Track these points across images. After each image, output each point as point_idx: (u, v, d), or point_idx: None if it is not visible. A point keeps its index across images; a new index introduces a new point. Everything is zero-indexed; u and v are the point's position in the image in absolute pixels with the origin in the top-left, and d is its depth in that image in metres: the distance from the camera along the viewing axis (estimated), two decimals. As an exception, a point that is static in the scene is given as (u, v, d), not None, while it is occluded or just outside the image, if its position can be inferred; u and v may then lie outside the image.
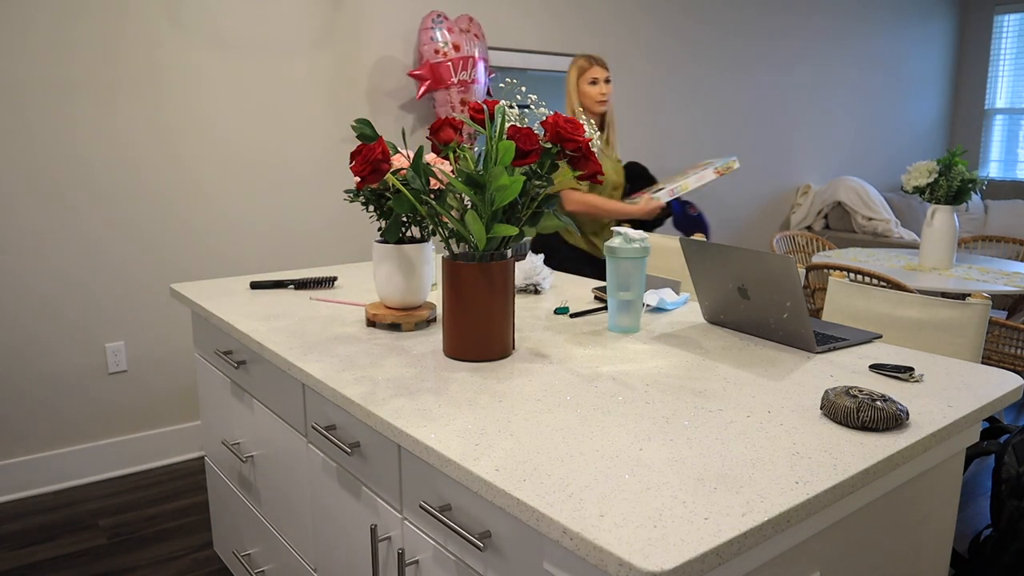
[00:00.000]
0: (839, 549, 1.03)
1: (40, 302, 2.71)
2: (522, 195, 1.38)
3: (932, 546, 1.26)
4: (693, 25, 4.52)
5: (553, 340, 1.55)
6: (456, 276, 1.35)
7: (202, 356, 2.04)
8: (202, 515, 2.60)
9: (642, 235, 1.57)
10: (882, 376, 1.33)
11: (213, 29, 2.92)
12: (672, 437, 1.06)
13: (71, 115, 2.69)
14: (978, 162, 6.40)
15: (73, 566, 2.30)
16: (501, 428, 1.09)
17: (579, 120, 1.37)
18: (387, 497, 1.24)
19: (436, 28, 3.27)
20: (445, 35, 3.27)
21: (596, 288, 1.97)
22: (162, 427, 3.01)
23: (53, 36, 2.62)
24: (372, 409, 1.17)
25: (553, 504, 0.87)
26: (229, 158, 3.03)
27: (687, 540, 0.80)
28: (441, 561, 1.12)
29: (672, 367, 1.37)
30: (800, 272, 2.10)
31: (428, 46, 3.25)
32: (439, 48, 3.24)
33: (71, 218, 2.73)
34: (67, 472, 2.82)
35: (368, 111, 3.36)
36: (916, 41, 6.00)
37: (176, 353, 3.01)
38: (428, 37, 3.26)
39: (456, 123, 1.46)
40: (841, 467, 0.97)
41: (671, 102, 4.50)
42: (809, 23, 5.15)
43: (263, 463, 1.74)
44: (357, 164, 1.36)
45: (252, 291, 2.00)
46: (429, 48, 3.26)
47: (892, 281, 2.71)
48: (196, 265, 3.01)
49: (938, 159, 3.22)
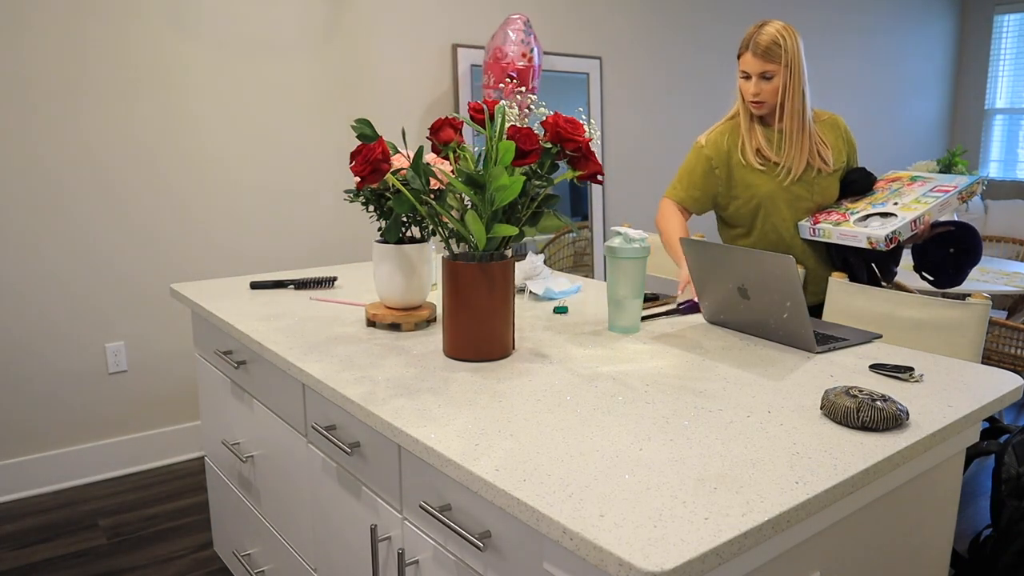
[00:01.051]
0: (839, 549, 1.03)
1: (40, 302, 2.71)
2: (522, 195, 1.38)
3: (932, 546, 1.26)
4: (694, 23, 4.52)
5: (553, 340, 1.55)
6: (456, 276, 1.35)
7: (202, 356, 2.04)
8: (202, 515, 2.60)
9: (642, 235, 1.57)
10: (882, 376, 1.33)
11: (215, 29, 2.92)
12: (672, 437, 1.06)
13: (72, 116, 2.69)
14: (978, 162, 6.40)
15: (73, 566, 2.30)
16: (501, 428, 1.09)
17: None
18: (387, 497, 1.24)
19: (526, 31, 3.30)
20: (532, 40, 3.30)
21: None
22: (162, 427, 3.01)
23: (57, 37, 2.62)
24: (372, 409, 1.17)
25: (553, 504, 0.87)
26: (230, 158, 3.03)
27: (687, 540, 0.80)
28: (441, 561, 1.12)
29: (672, 367, 1.37)
30: (800, 272, 2.09)
31: (515, 47, 3.27)
32: (526, 52, 3.27)
33: (71, 218, 2.73)
34: (67, 472, 2.82)
35: (369, 111, 3.36)
36: (916, 41, 6.00)
37: (176, 353, 3.01)
38: (518, 39, 3.28)
39: (456, 123, 1.46)
40: (841, 467, 0.97)
41: (672, 98, 4.50)
42: (809, 24, 5.15)
43: (263, 463, 1.74)
44: (357, 164, 1.36)
45: (252, 291, 2.00)
46: (515, 50, 3.27)
47: (892, 281, 2.71)
48: (196, 265, 3.01)
49: (938, 159, 3.22)
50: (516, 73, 3.23)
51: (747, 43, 2.03)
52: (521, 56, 3.25)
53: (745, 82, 2.06)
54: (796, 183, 2.08)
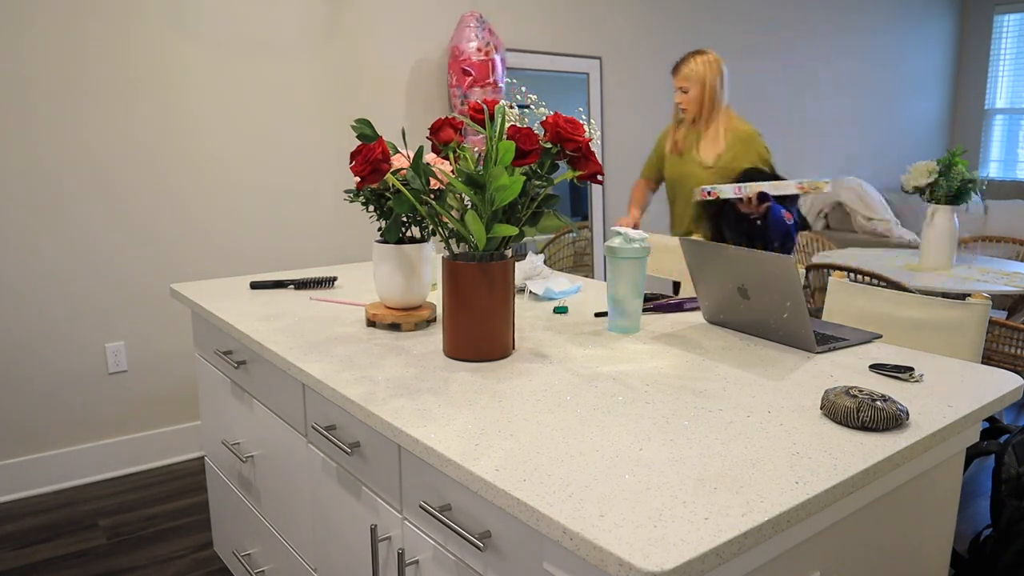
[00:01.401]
0: (839, 549, 1.03)
1: (40, 302, 2.71)
2: (522, 195, 1.38)
3: (932, 546, 1.26)
4: (694, 23, 4.52)
5: (553, 340, 1.55)
6: (456, 276, 1.35)
7: (202, 356, 2.04)
8: (202, 515, 2.60)
9: (642, 235, 1.57)
10: (882, 376, 1.33)
11: (215, 29, 2.92)
12: (672, 437, 1.06)
13: (72, 116, 2.69)
14: (978, 162, 6.40)
15: (73, 566, 2.30)
16: (501, 428, 1.09)
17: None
18: (387, 497, 1.24)
19: (479, 27, 3.34)
20: (486, 35, 3.32)
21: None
22: (162, 427, 3.01)
23: (57, 37, 2.62)
24: (372, 409, 1.17)
25: (553, 504, 0.87)
26: (230, 158, 3.03)
27: (687, 540, 0.80)
28: (441, 561, 1.12)
29: (672, 367, 1.37)
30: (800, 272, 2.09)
31: (471, 43, 3.30)
32: (482, 47, 3.29)
33: (71, 218, 2.73)
34: (67, 472, 2.82)
35: (369, 111, 3.36)
36: (916, 41, 6.00)
37: (176, 353, 3.01)
38: (472, 35, 3.31)
39: (456, 123, 1.46)
40: (841, 467, 0.97)
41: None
42: (809, 24, 5.15)
43: (263, 463, 1.74)
44: (357, 164, 1.36)
45: (252, 291, 2.00)
46: (470, 46, 3.30)
47: (892, 281, 2.71)
48: (196, 265, 3.01)
49: (938, 159, 3.22)
50: (472, 68, 3.26)
51: (674, 68, 2.85)
52: (477, 51, 3.30)
53: (676, 93, 2.86)
54: (705, 171, 2.79)
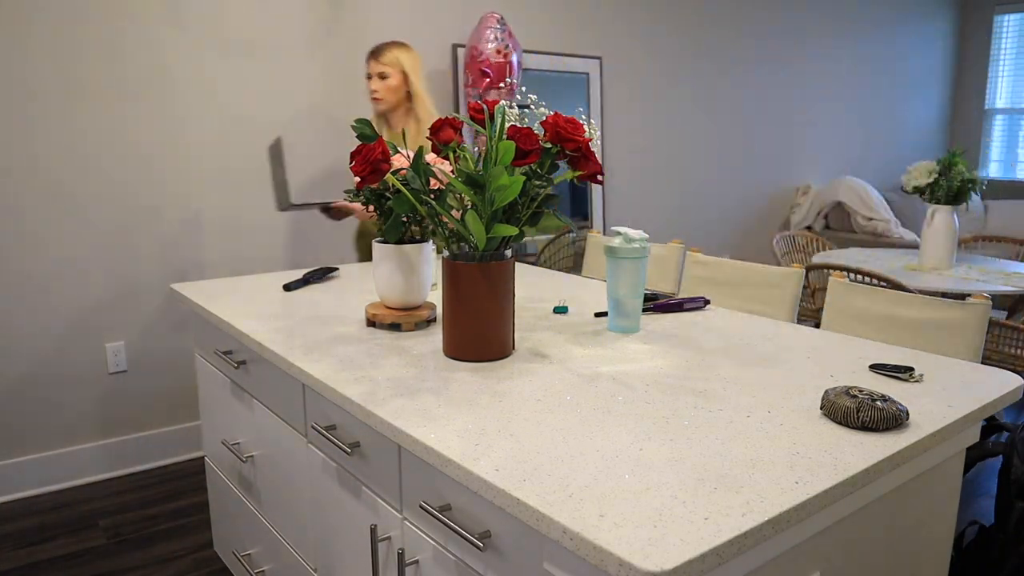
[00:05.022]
0: (839, 549, 1.03)
1: (40, 302, 2.71)
2: (522, 195, 1.38)
3: (932, 546, 1.26)
4: (694, 23, 4.52)
5: (553, 340, 1.55)
6: (456, 276, 1.35)
7: (202, 356, 2.04)
8: (202, 515, 2.60)
9: (642, 235, 1.57)
10: (882, 376, 1.33)
11: (215, 30, 2.92)
12: (672, 437, 1.06)
13: (72, 117, 2.69)
14: (978, 162, 6.40)
15: (73, 566, 2.30)
16: (501, 428, 1.09)
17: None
18: (387, 497, 1.24)
19: (500, 28, 3.35)
20: (506, 37, 3.35)
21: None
22: (162, 427, 3.01)
23: (57, 38, 2.62)
24: (372, 409, 1.17)
25: (553, 504, 0.87)
26: (230, 158, 3.03)
27: (687, 540, 0.80)
28: (441, 561, 1.12)
29: (672, 367, 1.37)
30: (800, 272, 2.10)
31: (491, 44, 3.33)
32: (500, 48, 3.32)
33: (71, 218, 2.73)
34: (67, 472, 2.82)
35: (369, 111, 3.35)
36: (916, 41, 6.00)
37: (176, 353, 3.01)
38: (492, 36, 3.34)
39: (456, 123, 1.46)
40: (841, 467, 0.97)
41: (671, 101, 4.50)
42: (809, 24, 5.15)
43: (263, 463, 1.74)
44: (357, 164, 1.36)
45: (251, 291, 2.00)
46: (489, 47, 3.32)
47: (892, 281, 2.71)
48: (196, 265, 3.01)
49: (938, 159, 3.22)
50: (491, 69, 3.26)
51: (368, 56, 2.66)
52: (496, 52, 3.31)
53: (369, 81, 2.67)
54: None
